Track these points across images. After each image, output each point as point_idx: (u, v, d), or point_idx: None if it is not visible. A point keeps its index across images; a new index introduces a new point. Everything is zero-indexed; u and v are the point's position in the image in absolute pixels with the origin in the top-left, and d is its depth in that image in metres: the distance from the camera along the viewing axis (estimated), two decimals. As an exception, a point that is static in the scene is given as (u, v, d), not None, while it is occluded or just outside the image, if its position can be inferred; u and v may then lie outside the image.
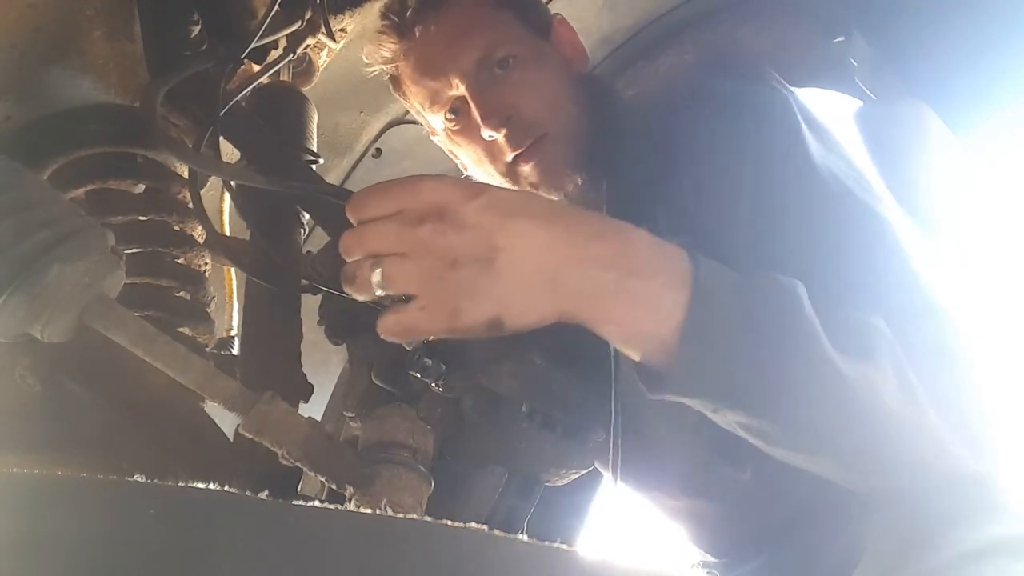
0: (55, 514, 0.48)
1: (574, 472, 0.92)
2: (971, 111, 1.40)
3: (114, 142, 1.03)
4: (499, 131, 1.13)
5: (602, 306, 0.73)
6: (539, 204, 0.77)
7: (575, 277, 0.71)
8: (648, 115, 1.16)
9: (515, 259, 0.70)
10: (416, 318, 0.71)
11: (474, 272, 0.69)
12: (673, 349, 0.73)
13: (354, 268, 0.71)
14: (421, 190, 0.70)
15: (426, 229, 0.69)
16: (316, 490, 0.83)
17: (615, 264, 0.72)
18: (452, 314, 0.70)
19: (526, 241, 0.71)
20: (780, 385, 0.74)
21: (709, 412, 0.78)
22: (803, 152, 0.97)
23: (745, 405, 0.76)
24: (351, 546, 0.46)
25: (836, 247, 0.90)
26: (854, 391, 0.75)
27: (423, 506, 0.76)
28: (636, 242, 0.75)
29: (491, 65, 1.15)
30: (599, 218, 0.78)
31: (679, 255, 0.76)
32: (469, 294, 0.70)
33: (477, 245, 0.69)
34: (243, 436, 0.72)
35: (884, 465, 0.82)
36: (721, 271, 0.76)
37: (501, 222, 0.70)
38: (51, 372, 0.82)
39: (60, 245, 0.68)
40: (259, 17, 1.05)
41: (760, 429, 0.78)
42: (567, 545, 0.48)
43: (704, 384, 0.75)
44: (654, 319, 0.73)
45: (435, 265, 0.69)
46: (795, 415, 0.76)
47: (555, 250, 0.71)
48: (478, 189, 0.72)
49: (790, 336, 0.74)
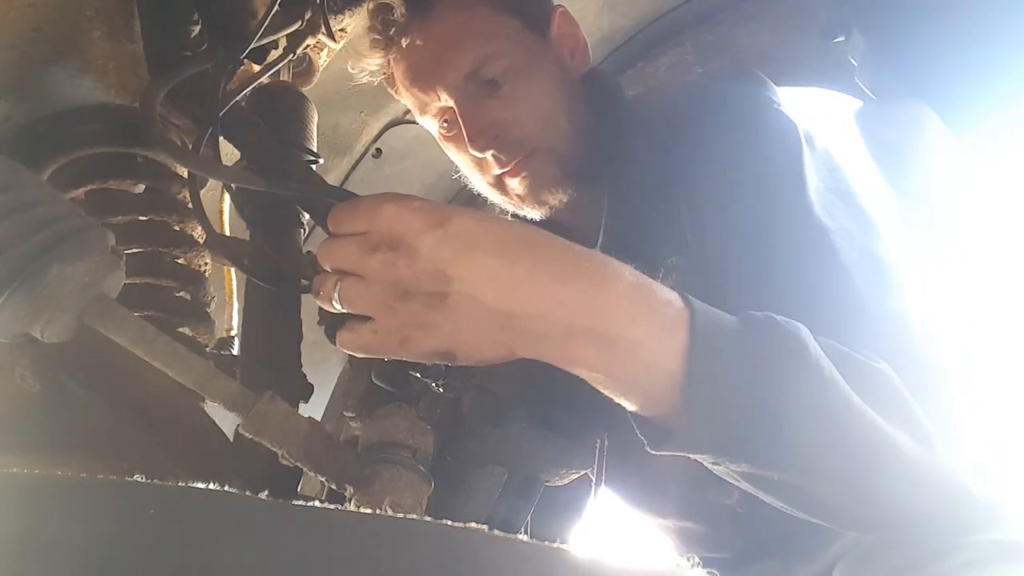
0: (55, 514, 0.48)
1: (574, 472, 0.92)
2: (970, 110, 1.40)
3: (114, 142, 1.03)
4: (486, 151, 1.10)
5: (569, 350, 0.70)
6: (507, 239, 0.70)
7: (535, 319, 0.68)
8: (653, 122, 1.12)
9: (468, 296, 0.67)
10: (369, 340, 0.71)
11: (424, 305, 0.68)
12: (671, 402, 0.71)
13: (321, 281, 0.72)
14: (380, 215, 0.68)
15: (378, 258, 0.68)
16: (316, 490, 0.83)
17: (584, 309, 0.68)
18: (402, 342, 0.70)
19: (482, 278, 0.67)
20: (791, 439, 0.70)
21: (709, 464, 0.75)
22: (802, 186, 0.93)
23: (751, 459, 0.72)
24: (351, 546, 0.46)
25: (825, 289, 0.86)
26: (864, 438, 0.72)
27: (423, 506, 0.76)
28: (614, 286, 0.70)
29: (480, 80, 1.10)
30: (578, 257, 0.72)
31: (669, 302, 0.72)
32: (418, 325, 0.69)
33: (428, 279, 0.67)
34: (243, 436, 0.72)
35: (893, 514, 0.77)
36: (720, 318, 0.73)
37: (457, 256, 0.67)
38: (51, 372, 0.82)
39: (60, 245, 0.68)
40: (259, 17, 1.05)
41: (763, 478, 0.75)
42: (566, 545, 0.48)
43: (712, 442, 0.72)
44: (636, 368, 0.70)
45: (386, 294, 0.68)
46: (804, 467, 0.73)
47: (515, 290, 0.68)
48: (440, 219, 0.68)
49: (797, 387, 0.70)
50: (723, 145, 0.99)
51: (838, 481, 0.74)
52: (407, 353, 0.71)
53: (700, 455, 0.74)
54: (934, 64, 1.39)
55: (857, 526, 0.83)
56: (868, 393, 0.73)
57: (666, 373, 0.70)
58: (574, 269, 0.70)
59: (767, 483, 0.75)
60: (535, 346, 0.70)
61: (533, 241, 0.72)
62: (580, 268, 0.70)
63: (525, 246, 0.71)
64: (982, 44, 1.35)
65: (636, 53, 1.81)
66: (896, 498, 0.75)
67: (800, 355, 0.71)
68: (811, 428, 0.70)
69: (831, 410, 0.71)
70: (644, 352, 0.69)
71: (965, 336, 0.94)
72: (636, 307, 0.70)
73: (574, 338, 0.69)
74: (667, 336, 0.70)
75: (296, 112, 1.13)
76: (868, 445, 0.72)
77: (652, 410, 0.73)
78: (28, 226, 0.68)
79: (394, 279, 0.68)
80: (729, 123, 1.01)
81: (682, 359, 0.70)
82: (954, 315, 0.94)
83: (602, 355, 0.70)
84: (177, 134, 1.07)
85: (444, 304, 0.67)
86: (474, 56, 1.10)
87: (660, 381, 0.70)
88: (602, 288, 0.70)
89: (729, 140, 0.99)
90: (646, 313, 0.70)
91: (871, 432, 0.72)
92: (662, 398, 0.71)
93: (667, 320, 0.71)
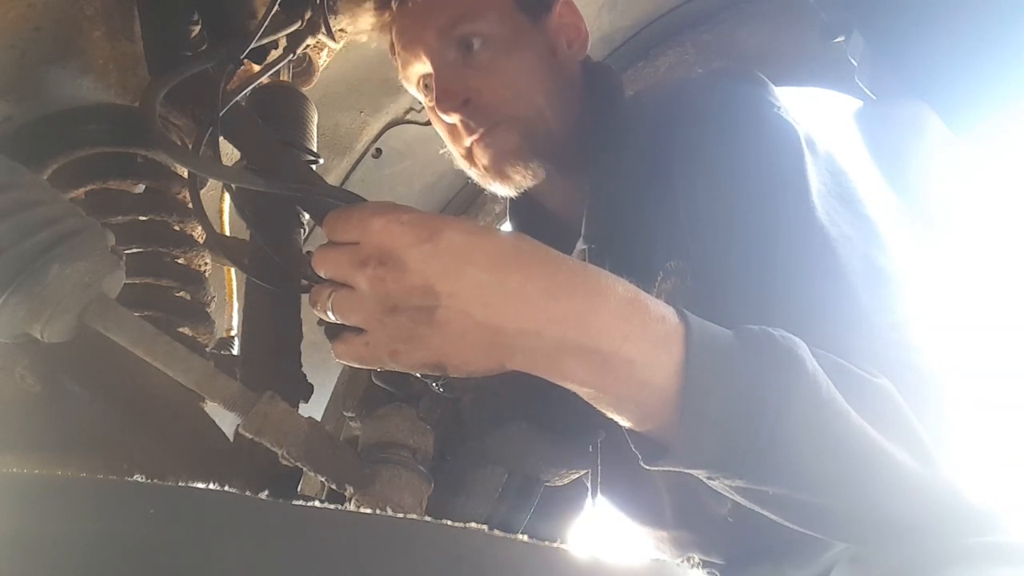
0: (55, 514, 0.48)
1: (574, 472, 0.92)
2: (971, 111, 1.40)
3: (114, 142, 1.03)
4: (453, 115, 1.10)
5: (561, 366, 0.69)
6: (498, 253, 0.69)
7: (526, 335, 0.67)
8: (649, 120, 1.11)
9: (457, 310, 0.67)
10: (361, 351, 0.71)
11: (412, 319, 0.67)
12: (666, 418, 0.70)
13: (318, 291, 0.72)
14: (370, 228, 0.68)
15: (367, 273, 0.68)
16: (316, 490, 0.83)
17: (576, 324, 0.68)
18: (391, 355, 0.70)
19: (472, 293, 0.67)
20: (787, 455, 0.70)
21: (704, 478, 0.75)
22: (804, 192, 0.92)
23: (746, 475, 0.72)
24: (351, 546, 0.46)
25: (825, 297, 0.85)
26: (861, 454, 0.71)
27: (423, 506, 0.76)
28: (607, 301, 0.69)
29: (457, 43, 1.10)
30: (570, 272, 0.71)
31: (663, 317, 0.71)
32: (407, 339, 0.68)
33: (417, 293, 0.67)
34: (243, 436, 0.72)
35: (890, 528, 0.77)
36: (715, 333, 0.72)
37: (446, 271, 0.67)
38: (51, 372, 0.82)
39: (60, 245, 0.68)
40: (259, 17, 1.05)
41: (758, 493, 0.74)
42: (566, 545, 0.48)
43: (707, 458, 0.71)
44: (629, 384, 0.70)
45: (376, 307, 0.68)
46: (800, 482, 0.73)
47: (505, 305, 0.67)
48: (430, 233, 0.67)
49: (793, 403, 0.69)
50: (724, 149, 0.98)
51: (834, 497, 0.74)
52: (397, 365, 0.71)
53: (695, 471, 0.74)
54: (934, 64, 1.38)
55: (853, 539, 0.83)
56: (866, 409, 0.72)
57: (660, 389, 0.69)
58: (566, 284, 0.69)
59: (763, 497, 0.75)
60: (526, 361, 0.69)
61: (524, 255, 0.70)
62: (572, 283, 0.70)
63: (516, 260, 0.70)
64: (982, 44, 1.35)
65: (636, 53, 1.81)
66: (893, 513, 0.75)
67: (796, 371, 0.70)
68: (807, 444, 0.70)
69: (827, 426, 0.70)
70: (637, 368, 0.69)
71: (964, 339, 0.93)
72: (629, 323, 0.69)
73: (565, 354, 0.68)
74: (661, 352, 0.69)
75: (296, 112, 1.13)
76: (865, 461, 0.72)
77: (646, 426, 0.73)
78: (28, 226, 0.68)
79: (383, 294, 0.67)
80: (730, 127, 1.00)
81: (676, 376, 0.69)
82: (953, 318, 0.93)
83: (594, 371, 0.69)
84: (177, 134, 1.07)
85: (432, 319, 0.67)
86: (452, 13, 1.10)
87: (654, 397, 0.70)
88: (594, 303, 0.69)
89: (730, 144, 0.98)
90: (639, 329, 0.70)
91: (868, 448, 0.72)
92: (657, 414, 0.71)
93: (661, 336, 0.70)
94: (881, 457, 0.72)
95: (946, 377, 0.86)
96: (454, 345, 0.68)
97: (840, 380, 0.72)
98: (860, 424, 0.71)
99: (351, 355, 0.72)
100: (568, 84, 1.15)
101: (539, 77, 1.12)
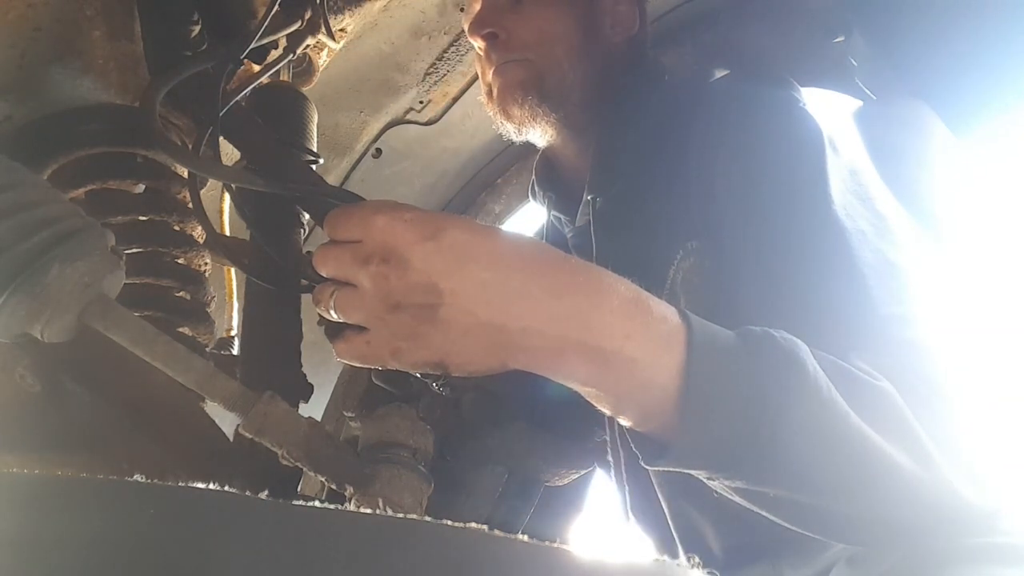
0: (55, 514, 0.48)
1: (574, 472, 0.92)
2: (971, 112, 1.40)
3: (114, 142, 1.03)
4: (479, 40, 1.16)
5: (562, 365, 0.69)
6: (501, 251, 0.69)
7: (528, 333, 0.67)
8: (673, 99, 1.15)
9: (460, 308, 0.67)
10: (362, 350, 0.71)
11: (415, 317, 0.67)
12: (667, 418, 0.70)
13: (320, 290, 0.72)
14: (373, 225, 0.68)
15: (370, 270, 0.67)
16: (316, 490, 0.83)
17: (578, 323, 0.68)
18: (393, 353, 0.70)
19: (474, 290, 0.67)
20: (787, 457, 0.70)
21: (704, 479, 0.75)
22: (823, 184, 0.93)
23: (746, 476, 0.72)
24: (351, 546, 0.46)
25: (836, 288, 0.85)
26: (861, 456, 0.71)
27: (423, 506, 0.76)
28: (609, 300, 0.70)
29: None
30: (573, 271, 0.71)
31: (665, 317, 0.71)
32: (409, 337, 0.68)
33: (419, 291, 0.67)
34: (243, 436, 0.72)
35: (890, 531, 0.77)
36: (717, 334, 0.72)
37: (449, 269, 0.67)
38: (51, 372, 0.81)
39: (60, 245, 0.68)
40: (259, 17, 1.05)
41: (758, 494, 0.74)
42: (566, 545, 0.48)
43: (707, 459, 0.71)
44: (630, 384, 0.70)
45: (378, 305, 0.68)
46: (800, 484, 0.73)
47: (507, 304, 0.67)
48: (433, 230, 0.67)
49: (794, 405, 0.69)
50: (747, 137, 1.00)
51: (834, 498, 0.74)
52: (398, 364, 0.71)
53: (695, 471, 0.74)
54: (934, 65, 1.38)
55: (852, 541, 0.83)
56: (867, 412, 0.72)
57: (661, 389, 0.70)
58: (568, 282, 0.70)
59: (762, 498, 0.75)
60: (528, 359, 0.69)
61: (527, 254, 0.71)
62: (574, 282, 0.70)
63: (519, 259, 0.70)
64: (983, 46, 1.35)
65: (636, 53, 1.80)
66: (892, 515, 0.75)
67: (797, 373, 0.71)
68: (807, 446, 0.70)
69: (827, 429, 0.71)
70: (639, 368, 0.69)
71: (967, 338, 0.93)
72: (631, 322, 0.69)
73: (567, 352, 0.68)
74: (663, 352, 0.69)
75: (296, 112, 1.13)
76: (865, 463, 0.72)
77: (647, 425, 0.73)
78: (28, 226, 0.68)
79: (385, 291, 0.67)
80: (757, 117, 1.02)
81: (678, 376, 0.69)
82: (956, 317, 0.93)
83: (596, 370, 0.69)
84: (177, 134, 1.07)
85: (435, 317, 0.67)
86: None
87: (655, 397, 0.70)
88: (597, 302, 0.69)
89: (756, 133, 1.00)
90: (641, 328, 0.70)
91: (868, 451, 0.72)
92: (657, 414, 0.71)
93: (663, 336, 0.70)
94: (881, 459, 0.72)
95: (952, 368, 0.85)
96: (456, 344, 0.68)
97: (841, 382, 0.72)
98: (860, 426, 0.71)
99: (353, 353, 0.72)
100: (601, 56, 1.19)
101: (569, 35, 1.17)
